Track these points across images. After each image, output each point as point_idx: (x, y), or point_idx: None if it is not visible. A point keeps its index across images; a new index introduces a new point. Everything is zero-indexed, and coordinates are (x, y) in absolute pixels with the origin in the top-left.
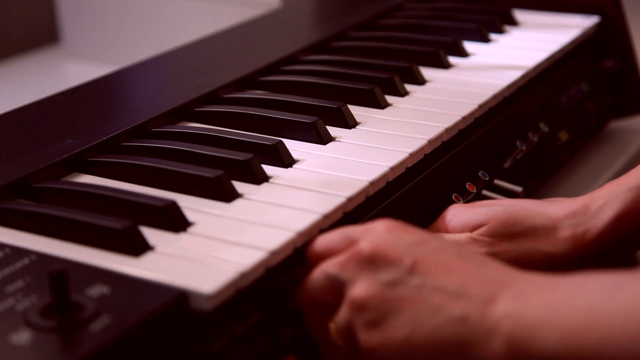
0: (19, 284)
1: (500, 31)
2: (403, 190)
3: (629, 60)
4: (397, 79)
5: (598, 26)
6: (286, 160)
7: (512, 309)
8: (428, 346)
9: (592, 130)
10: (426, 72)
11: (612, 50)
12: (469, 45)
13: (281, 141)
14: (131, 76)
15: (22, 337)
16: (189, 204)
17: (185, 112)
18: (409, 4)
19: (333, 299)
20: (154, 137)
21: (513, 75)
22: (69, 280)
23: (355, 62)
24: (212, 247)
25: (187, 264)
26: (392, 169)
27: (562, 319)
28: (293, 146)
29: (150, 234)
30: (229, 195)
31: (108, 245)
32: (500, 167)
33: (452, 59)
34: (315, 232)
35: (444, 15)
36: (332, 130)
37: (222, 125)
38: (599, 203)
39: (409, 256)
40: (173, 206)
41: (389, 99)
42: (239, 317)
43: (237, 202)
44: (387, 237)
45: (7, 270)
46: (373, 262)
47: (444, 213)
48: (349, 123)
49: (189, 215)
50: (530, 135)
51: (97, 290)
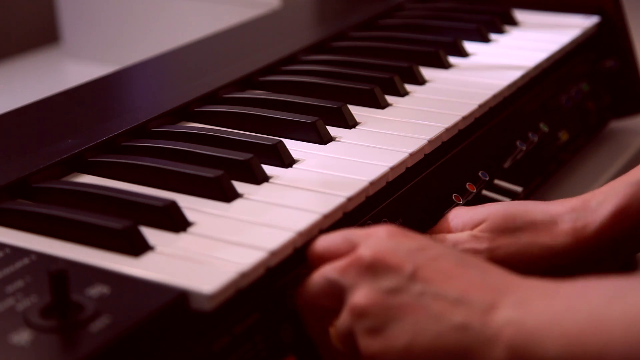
0: (19, 284)
1: (500, 31)
2: (403, 190)
3: (629, 60)
4: (397, 79)
5: (598, 26)
6: (286, 160)
7: (513, 316)
8: (429, 353)
9: (592, 130)
10: (426, 72)
11: (612, 50)
12: (469, 45)
13: (281, 141)
14: (131, 76)
15: (22, 337)
16: (189, 204)
17: (185, 112)
18: (409, 4)
19: (332, 303)
20: (154, 137)
21: (513, 75)
22: (69, 280)
23: (355, 62)
24: (212, 247)
25: (187, 264)
26: (392, 169)
27: (563, 325)
28: (293, 146)
29: (150, 234)
30: (229, 195)
31: (108, 245)
32: (500, 167)
33: (452, 59)
34: (315, 232)
35: (444, 15)
36: (332, 130)
37: (222, 125)
38: (599, 198)
39: (410, 263)
40: (173, 206)
41: (389, 99)
42: (239, 317)
43: (237, 202)
44: (387, 243)
45: (7, 270)
46: (374, 269)
47: (446, 214)
48: (349, 123)
49: (189, 215)
50: (530, 135)
51: (97, 290)
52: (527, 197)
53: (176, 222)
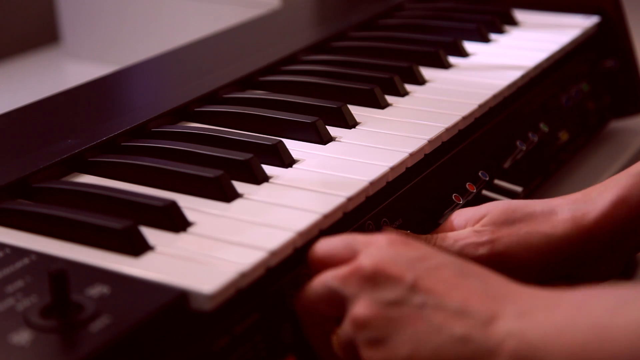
0: (19, 284)
1: (500, 31)
2: (403, 190)
3: (629, 60)
4: (397, 79)
5: (598, 26)
6: (286, 160)
7: (515, 327)
8: None
9: (592, 130)
10: (426, 72)
11: (612, 50)
12: (469, 45)
13: (281, 141)
14: (131, 76)
15: (22, 337)
16: (189, 204)
17: (185, 112)
18: (409, 4)
19: (332, 310)
20: (154, 137)
21: (513, 75)
22: (69, 280)
23: (355, 62)
24: (212, 247)
25: (187, 264)
26: (392, 169)
27: (566, 337)
28: (293, 146)
29: (150, 234)
30: (229, 195)
31: (108, 245)
32: (500, 167)
33: (452, 59)
34: (315, 232)
35: (444, 15)
36: (332, 130)
37: (222, 125)
38: (599, 189)
39: (411, 273)
40: (173, 206)
41: (389, 99)
42: (239, 317)
43: (237, 202)
44: (388, 251)
45: (7, 270)
46: (374, 280)
47: (449, 216)
48: (349, 123)
49: (189, 215)
50: (530, 135)
51: (97, 290)
52: (527, 197)
53: (176, 222)
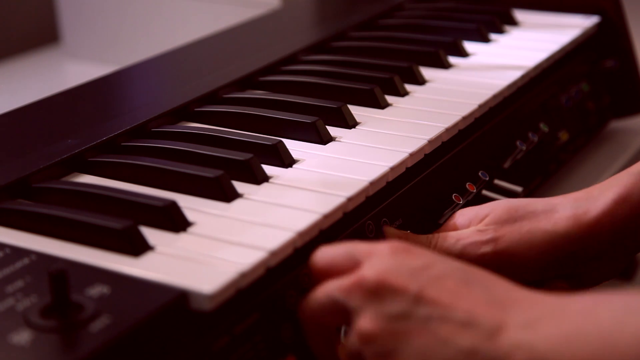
0: (19, 284)
1: (500, 31)
2: (403, 190)
3: (629, 60)
4: (397, 79)
5: (598, 26)
6: (286, 160)
7: (523, 339)
8: None
9: (592, 130)
10: (426, 72)
11: (612, 50)
12: (469, 45)
13: (281, 141)
14: (131, 76)
15: (22, 337)
16: (189, 204)
17: (185, 112)
18: (409, 4)
19: (336, 320)
20: (154, 137)
21: (513, 75)
22: (69, 280)
23: (355, 62)
24: (212, 247)
25: (187, 264)
26: (392, 169)
27: (575, 348)
28: (293, 146)
29: (150, 234)
30: (229, 195)
31: (108, 245)
32: (500, 167)
33: (452, 59)
34: (315, 232)
35: (444, 15)
36: (332, 130)
37: (222, 125)
38: (601, 188)
39: (414, 284)
40: (173, 206)
41: (389, 99)
42: (239, 317)
43: (237, 202)
44: (390, 262)
45: (7, 270)
46: (378, 292)
47: (452, 215)
48: (349, 123)
49: (189, 215)
50: (530, 135)
51: (97, 290)
52: (527, 197)
53: (176, 222)
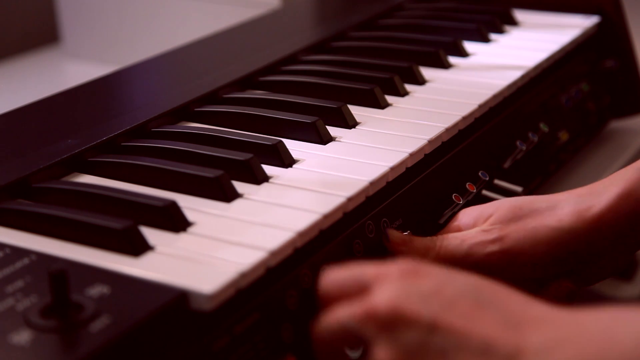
0: (19, 284)
1: (500, 31)
2: (403, 190)
3: (629, 60)
4: (397, 79)
5: (598, 26)
6: (286, 160)
7: None
8: None
9: (592, 130)
10: (426, 72)
11: (612, 50)
12: (469, 45)
13: (281, 141)
14: (131, 76)
15: (22, 337)
16: (189, 204)
17: (185, 112)
18: (409, 4)
19: (349, 343)
20: (154, 137)
21: (513, 75)
22: (69, 280)
23: (355, 62)
24: (212, 247)
25: (187, 264)
26: (392, 169)
27: None
28: (293, 146)
29: (150, 234)
30: (229, 195)
31: (108, 245)
32: (500, 167)
33: (452, 59)
34: (315, 232)
35: (444, 15)
36: (332, 130)
37: (222, 125)
38: (605, 183)
39: (427, 312)
40: (173, 206)
41: (389, 99)
42: (239, 317)
43: (237, 202)
44: (401, 288)
45: (7, 270)
46: (391, 324)
47: (456, 215)
48: (349, 123)
49: (189, 215)
50: (530, 135)
51: (97, 290)
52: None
53: (176, 222)
